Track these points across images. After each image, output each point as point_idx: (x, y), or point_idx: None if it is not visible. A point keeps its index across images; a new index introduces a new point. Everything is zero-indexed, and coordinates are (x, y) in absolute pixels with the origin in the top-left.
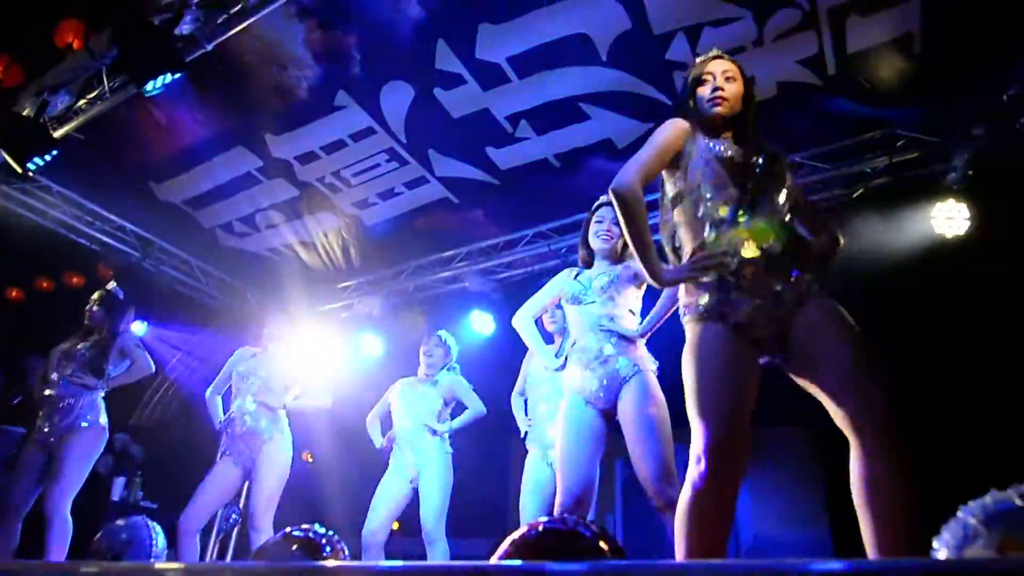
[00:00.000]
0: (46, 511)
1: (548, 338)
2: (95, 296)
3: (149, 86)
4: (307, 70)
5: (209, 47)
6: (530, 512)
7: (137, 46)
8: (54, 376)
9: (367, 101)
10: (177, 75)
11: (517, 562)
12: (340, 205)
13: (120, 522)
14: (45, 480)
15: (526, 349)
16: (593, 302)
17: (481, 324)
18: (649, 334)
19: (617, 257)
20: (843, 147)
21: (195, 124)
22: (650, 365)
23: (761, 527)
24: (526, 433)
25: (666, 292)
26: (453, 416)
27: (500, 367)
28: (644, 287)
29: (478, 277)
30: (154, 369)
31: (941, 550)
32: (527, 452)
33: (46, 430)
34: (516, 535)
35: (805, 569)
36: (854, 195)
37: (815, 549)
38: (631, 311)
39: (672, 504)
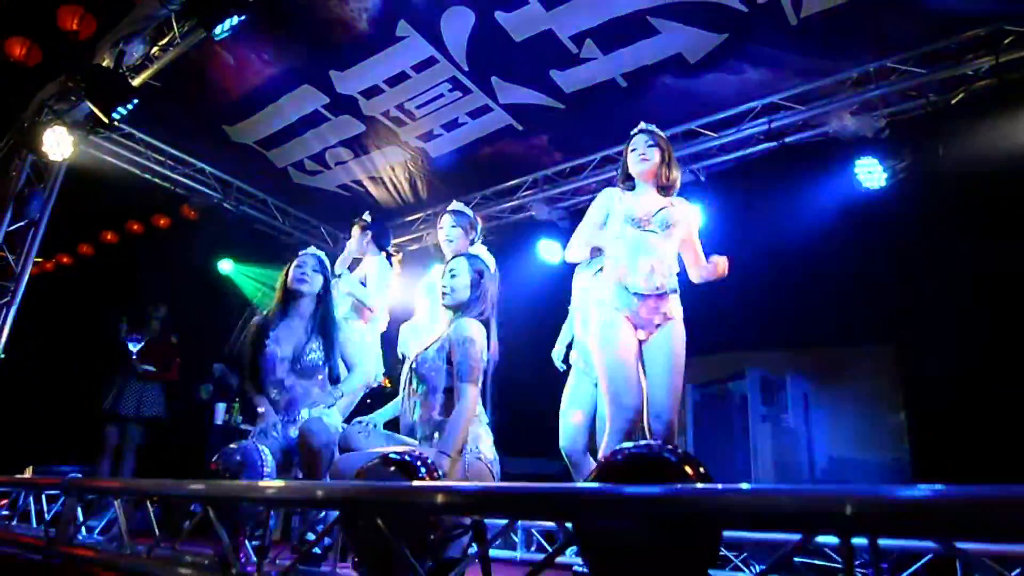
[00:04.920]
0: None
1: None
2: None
3: (218, 29)
4: (367, 1)
5: None
6: (571, 427)
7: None
8: None
9: (428, 30)
10: (242, 16)
11: (595, 484)
12: (406, 138)
13: (233, 446)
14: None
15: None
16: (654, 232)
17: (549, 252)
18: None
19: (663, 183)
20: (942, 48)
21: (262, 65)
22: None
23: (837, 449)
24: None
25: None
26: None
27: (568, 295)
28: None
29: (544, 205)
30: None
31: None
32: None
33: None
34: (603, 459)
35: (886, 494)
36: (953, 101)
37: (892, 472)
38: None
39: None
